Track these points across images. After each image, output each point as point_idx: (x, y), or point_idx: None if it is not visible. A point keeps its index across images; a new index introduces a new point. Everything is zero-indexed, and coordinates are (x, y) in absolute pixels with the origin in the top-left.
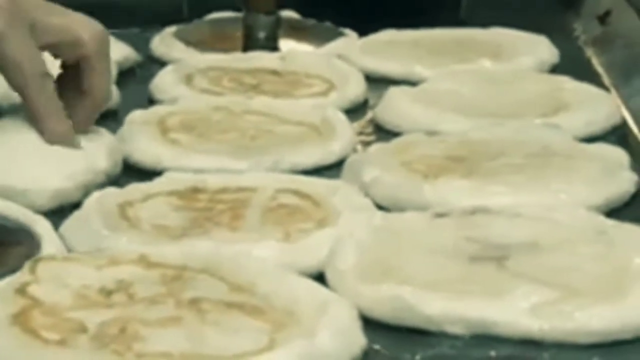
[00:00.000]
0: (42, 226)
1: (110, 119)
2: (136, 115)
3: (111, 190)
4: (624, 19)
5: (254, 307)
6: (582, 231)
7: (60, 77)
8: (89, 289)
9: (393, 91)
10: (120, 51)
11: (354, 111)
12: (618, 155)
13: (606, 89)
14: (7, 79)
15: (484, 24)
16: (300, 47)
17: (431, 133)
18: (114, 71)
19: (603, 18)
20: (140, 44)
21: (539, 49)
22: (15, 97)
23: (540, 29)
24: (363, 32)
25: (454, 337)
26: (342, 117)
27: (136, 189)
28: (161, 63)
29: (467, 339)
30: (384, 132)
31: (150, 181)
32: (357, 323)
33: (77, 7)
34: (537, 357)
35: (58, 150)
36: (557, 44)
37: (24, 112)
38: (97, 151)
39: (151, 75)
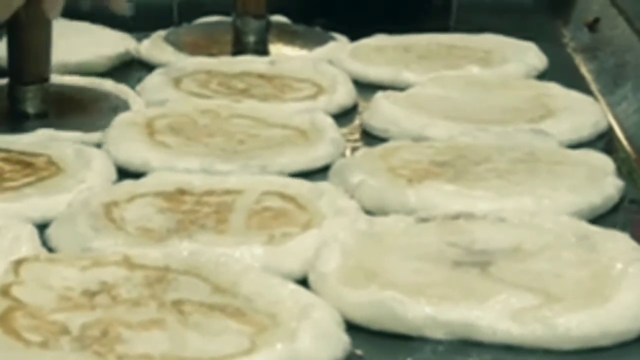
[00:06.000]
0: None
1: None
2: (124, 117)
3: (98, 190)
4: (612, 27)
5: (236, 310)
6: (565, 237)
7: None
8: (72, 291)
9: (380, 96)
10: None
11: (343, 116)
12: (603, 161)
13: (594, 95)
14: None
15: (474, 30)
16: (289, 51)
17: (418, 138)
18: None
19: (592, 25)
20: None
21: (528, 55)
22: None
23: (529, 36)
24: (353, 38)
25: (436, 342)
26: (331, 121)
27: (122, 188)
28: (150, 66)
29: (449, 344)
30: (371, 138)
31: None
32: (339, 327)
33: (68, 12)
34: None
35: None
36: (545, 51)
37: None
38: None
39: (140, 78)
